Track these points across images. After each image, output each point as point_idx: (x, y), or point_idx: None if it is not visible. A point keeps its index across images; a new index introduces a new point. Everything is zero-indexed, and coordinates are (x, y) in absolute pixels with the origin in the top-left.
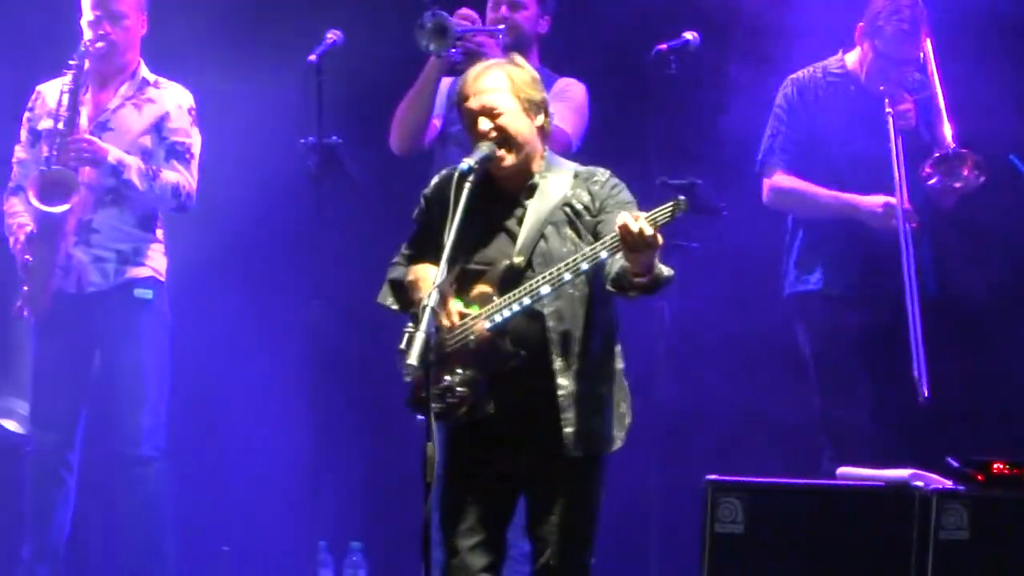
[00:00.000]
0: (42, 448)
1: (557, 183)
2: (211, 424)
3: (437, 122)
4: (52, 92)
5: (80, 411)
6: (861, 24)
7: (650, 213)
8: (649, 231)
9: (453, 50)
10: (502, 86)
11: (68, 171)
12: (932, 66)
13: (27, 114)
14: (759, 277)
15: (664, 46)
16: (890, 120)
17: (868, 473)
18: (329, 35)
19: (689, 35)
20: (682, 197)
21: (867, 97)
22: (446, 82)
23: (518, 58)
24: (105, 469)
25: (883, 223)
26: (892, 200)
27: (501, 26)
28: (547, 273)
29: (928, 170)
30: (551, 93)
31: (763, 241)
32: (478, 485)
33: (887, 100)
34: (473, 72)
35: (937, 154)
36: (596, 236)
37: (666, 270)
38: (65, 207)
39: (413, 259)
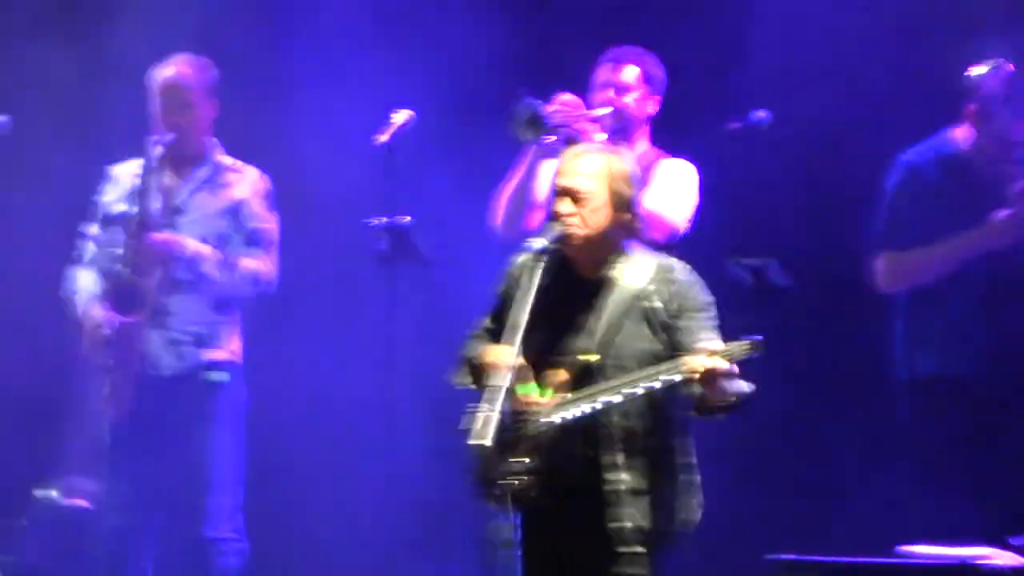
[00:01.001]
0: (115, 531)
1: (634, 275)
2: (290, 503)
3: (537, 201)
4: (125, 175)
5: (153, 493)
6: (973, 106)
7: (725, 348)
8: (724, 366)
9: (553, 139)
10: (599, 173)
11: (140, 279)
12: None
13: (99, 196)
14: (827, 356)
15: (737, 124)
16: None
17: (932, 551)
18: (399, 115)
19: (761, 113)
20: (759, 338)
21: (979, 177)
22: (552, 164)
23: (624, 151)
24: (179, 553)
25: (1006, 234)
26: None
27: (607, 110)
28: (621, 383)
29: None
30: (660, 173)
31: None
32: (539, 572)
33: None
34: (575, 150)
35: None
36: (671, 339)
37: (745, 387)
38: (140, 316)
39: (490, 334)
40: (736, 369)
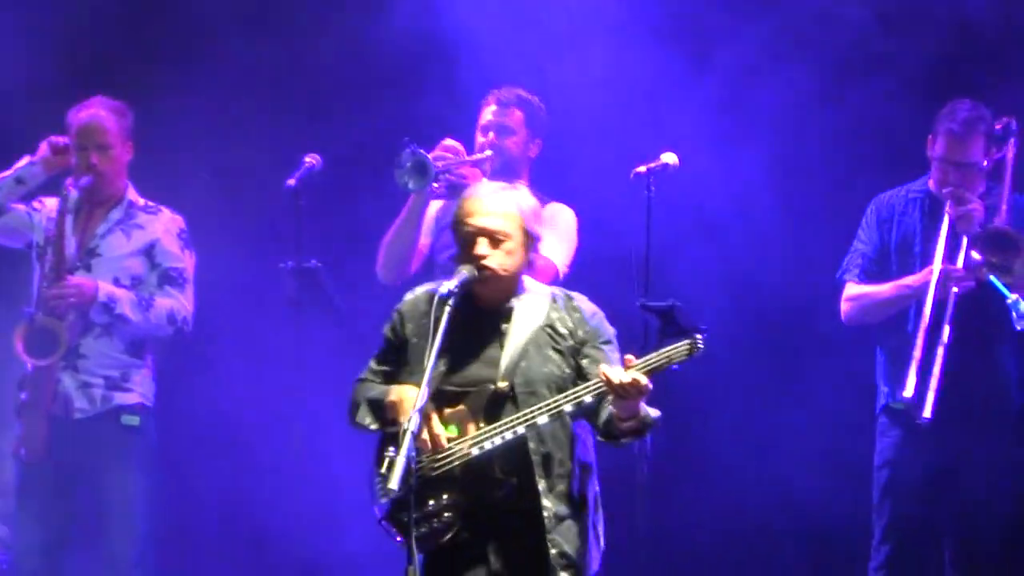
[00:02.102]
0: (23, 575)
1: (534, 305)
2: (204, 546)
3: (424, 248)
4: (45, 212)
5: (64, 538)
6: (930, 136)
7: (646, 360)
8: (643, 381)
9: (435, 185)
10: (512, 214)
11: (55, 321)
12: (1007, 168)
13: (28, 217)
14: (740, 399)
15: (643, 168)
16: (946, 219)
17: None
18: (307, 159)
19: (668, 157)
20: (699, 335)
21: (939, 206)
22: (435, 205)
23: (523, 186)
24: None
25: (943, 288)
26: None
27: (488, 153)
28: (547, 403)
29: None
30: (544, 218)
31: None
32: None
33: (948, 203)
34: (484, 190)
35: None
36: (579, 368)
37: (652, 413)
38: (52, 360)
39: (384, 376)
40: (650, 387)
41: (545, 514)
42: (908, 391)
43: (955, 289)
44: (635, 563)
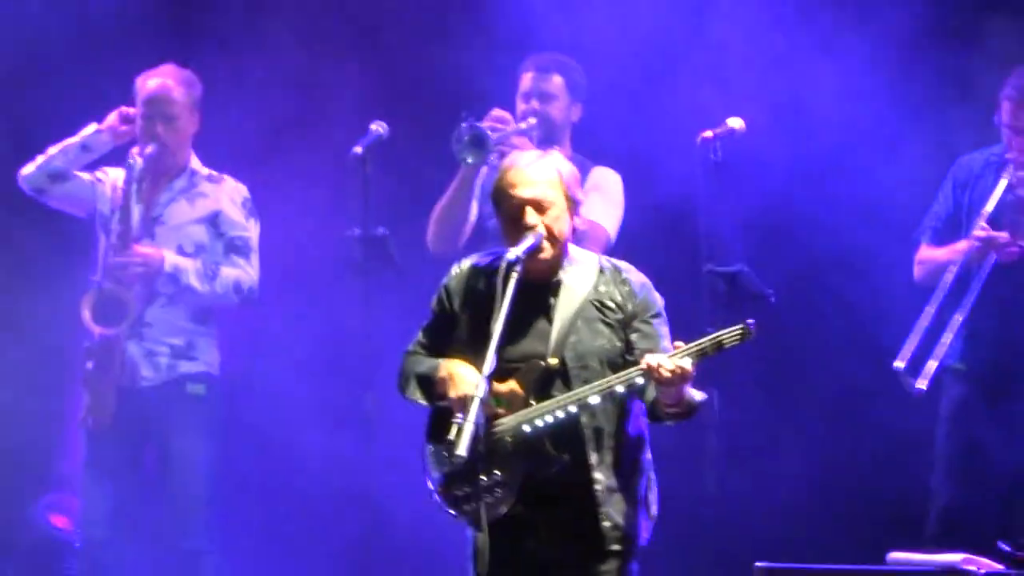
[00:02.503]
0: (91, 543)
1: (582, 276)
2: (269, 512)
3: (472, 216)
4: (110, 181)
5: (130, 505)
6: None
7: (696, 344)
8: (687, 368)
9: (492, 157)
10: (554, 180)
11: (123, 290)
12: None
13: (95, 185)
14: (800, 362)
15: (710, 133)
16: (1002, 184)
17: (920, 558)
18: (374, 127)
19: (735, 122)
20: (751, 321)
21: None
22: (481, 172)
23: (557, 153)
24: (156, 564)
25: (982, 253)
26: (983, 234)
27: (532, 121)
28: (601, 383)
29: None
30: (586, 184)
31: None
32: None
33: (1011, 167)
34: (523, 160)
35: None
36: (628, 339)
37: (697, 396)
38: (120, 328)
39: (429, 349)
40: (694, 373)
41: (597, 487)
42: (900, 362)
43: (994, 257)
44: (702, 532)
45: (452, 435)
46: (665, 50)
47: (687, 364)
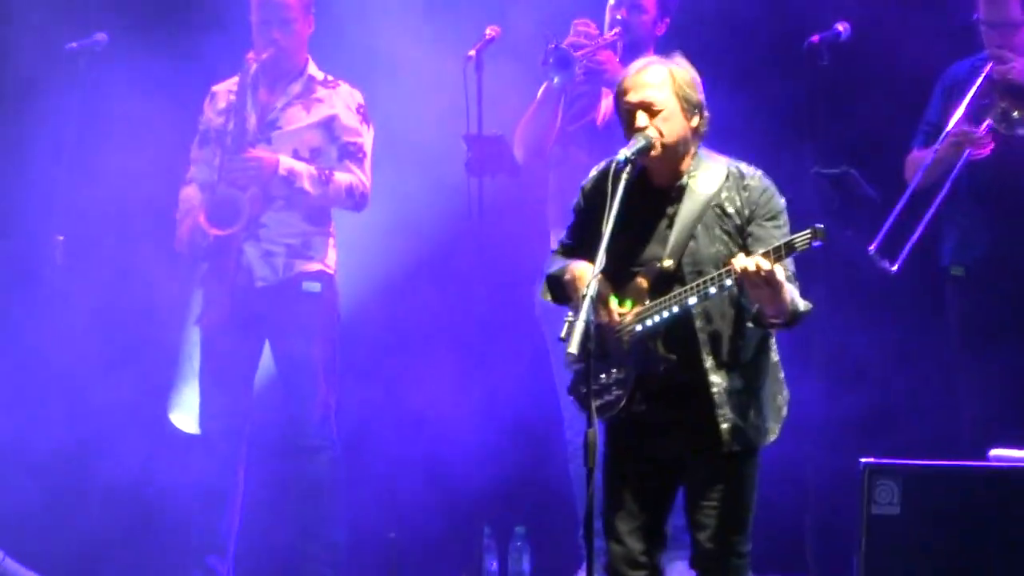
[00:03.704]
0: (212, 438)
1: (707, 182)
2: (379, 414)
3: (556, 125)
4: (224, 93)
5: (248, 402)
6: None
7: (783, 244)
8: (766, 266)
9: (581, 75)
10: (664, 83)
11: (237, 192)
12: None
13: (201, 116)
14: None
15: (816, 38)
16: (979, 80)
17: (1020, 454)
18: (488, 31)
19: (840, 27)
20: (819, 226)
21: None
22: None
23: (680, 58)
24: (275, 459)
25: (956, 151)
26: (957, 129)
27: (617, 30)
28: (695, 284)
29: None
30: None
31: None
32: (638, 474)
33: (990, 64)
34: (636, 65)
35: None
36: (744, 244)
37: (802, 305)
38: (234, 229)
39: (571, 249)
40: (778, 276)
41: (714, 390)
42: (873, 245)
43: (967, 151)
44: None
45: (563, 334)
46: None
47: (765, 264)
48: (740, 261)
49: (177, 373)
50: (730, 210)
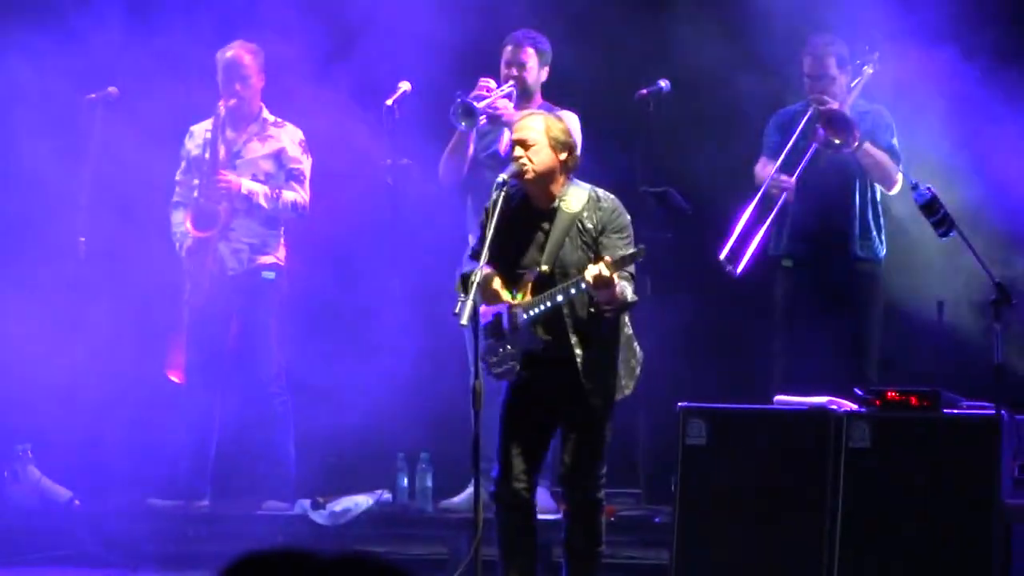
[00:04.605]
0: (195, 388)
1: (574, 203)
2: (318, 369)
3: (469, 155)
4: (200, 131)
5: (223, 361)
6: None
7: (617, 258)
8: (607, 273)
9: (482, 119)
10: (538, 126)
11: (214, 205)
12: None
13: (182, 148)
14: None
15: (644, 91)
16: (802, 123)
17: (797, 400)
18: (401, 85)
19: (663, 82)
20: (641, 246)
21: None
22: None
23: (561, 113)
24: (243, 404)
25: (776, 193)
26: (776, 178)
27: (511, 83)
28: (563, 285)
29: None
30: None
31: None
32: (527, 417)
33: (811, 106)
34: (522, 114)
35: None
36: (597, 252)
37: (630, 297)
38: (212, 232)
39: (476, 252)
40: (614, 279)
41: (579, 360)
42: (721, 254)
43: (783, 195)
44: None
45: (456, 309)
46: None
47: (606, 272)
48: (591, 271)
49: (171, 340)
50: (588, 225)
